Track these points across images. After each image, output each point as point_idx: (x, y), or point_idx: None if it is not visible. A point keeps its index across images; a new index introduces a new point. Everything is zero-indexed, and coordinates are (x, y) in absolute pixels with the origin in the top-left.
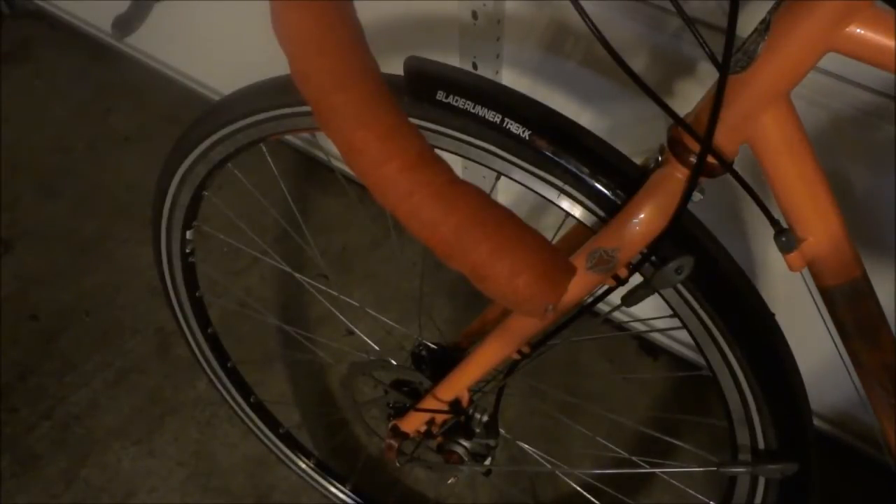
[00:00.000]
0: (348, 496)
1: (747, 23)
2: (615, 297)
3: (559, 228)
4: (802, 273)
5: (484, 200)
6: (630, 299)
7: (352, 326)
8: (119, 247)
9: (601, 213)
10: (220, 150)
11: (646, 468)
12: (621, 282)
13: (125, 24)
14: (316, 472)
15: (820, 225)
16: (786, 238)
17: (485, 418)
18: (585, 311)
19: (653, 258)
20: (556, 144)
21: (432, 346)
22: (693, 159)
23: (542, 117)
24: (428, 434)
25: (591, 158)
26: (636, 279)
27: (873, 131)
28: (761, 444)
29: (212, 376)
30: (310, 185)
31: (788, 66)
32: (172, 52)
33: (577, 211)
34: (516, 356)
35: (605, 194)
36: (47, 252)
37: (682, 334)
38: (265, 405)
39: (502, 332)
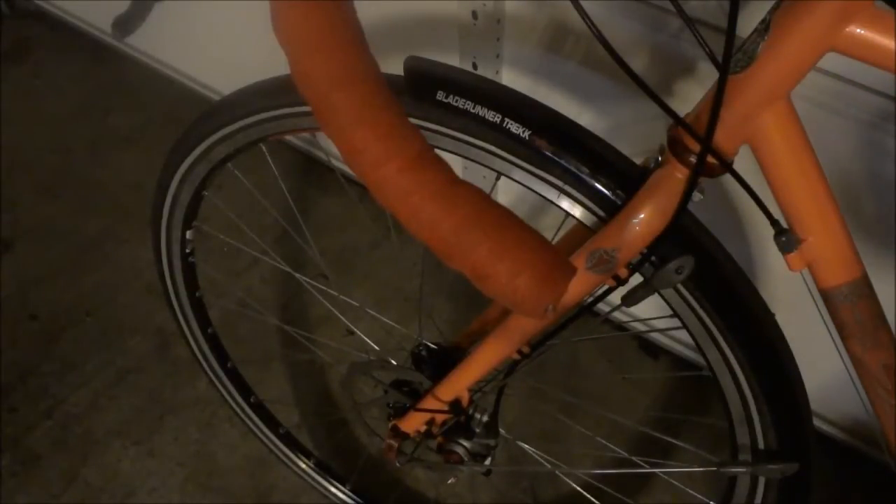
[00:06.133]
0: (348, 496)
1: (747, 23)
2: (615, 297)
3: (559, 228)
4: (802, 273)
5: (484, 200)
6: (630, 299)
7: (352, 326)
8: (119, 247)
9: (601, 213)
10: (220, 150)
11: (646, 468)
12: (621, 282)
13: (125, 24)
14: (316, 472)
15: (820, 225)
16: (786, 238)
17: (485, 418)
18: (585, 311)
19: (653, 258)
20: (556, 144)
21: (432, 346)
22: (693, 159)
23: (542, 117)
24: (428, 434)
25: (591, 158)
26: (636, 279)
27: (873, 131)
28: (761, 444)
29: (212, 376)
30: (310, 185)
31: (788, 66)
32: (172, 52)
33: (577, 211)
34: (516, 356)
35: (605, 194)
36: (47, 252)
37: (682, 334)
38: (265, 405)
39: (502, 332)
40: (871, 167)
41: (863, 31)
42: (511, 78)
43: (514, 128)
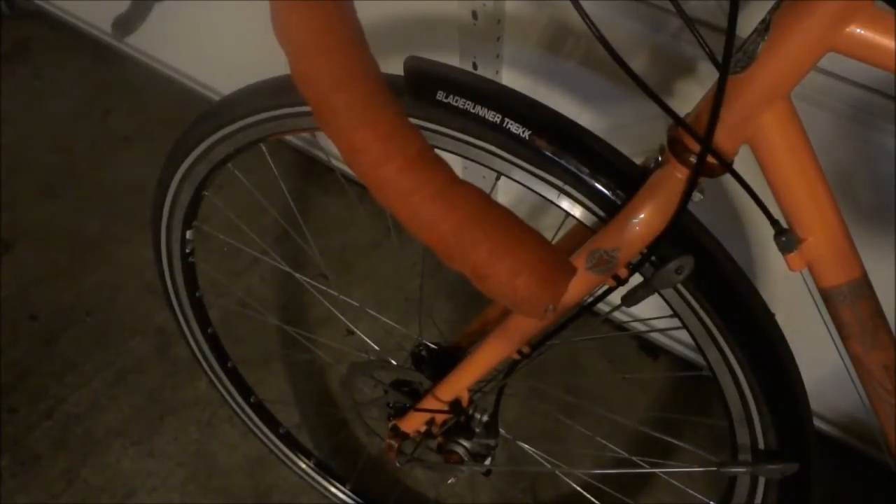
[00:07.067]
0: (348, 496)
1: (747, 23)
2: (615, 297)
3: (559, 228)
4: (802, 273)
5: (484, 200)
6: (630, 299)
7: (352, 326)
8: (119, 247)
9: (601, 213)
10: (220, 150)
11: (646, 468)
12: (621, 282)
13: (125, 24)
14: (316, 472)
15: (820, 225)
16: (786, 238)
17: (485, 418)
18: (585, 311)
19: (653, 258)
20: (556, 144)
21: (432, 346)
22: (693, 159)
23: (542, 117)
24: (428, 434)
25: (591, 158)
26: (636, 279)
27: (873, 131)
28: (761, 444)
29: (212, 376)
30: (310, 185)
31: (788, 66)
32: (172, 52)
33: (577, 211)
34: (516, 356)
35: (605, 194)
36: (47, 252)
37: (682, 334)
38: (265, 405)
39: (502, 332)
40: (871, 167)
41: (863, 31)
42: (511, 78)
43: (514, 128)
